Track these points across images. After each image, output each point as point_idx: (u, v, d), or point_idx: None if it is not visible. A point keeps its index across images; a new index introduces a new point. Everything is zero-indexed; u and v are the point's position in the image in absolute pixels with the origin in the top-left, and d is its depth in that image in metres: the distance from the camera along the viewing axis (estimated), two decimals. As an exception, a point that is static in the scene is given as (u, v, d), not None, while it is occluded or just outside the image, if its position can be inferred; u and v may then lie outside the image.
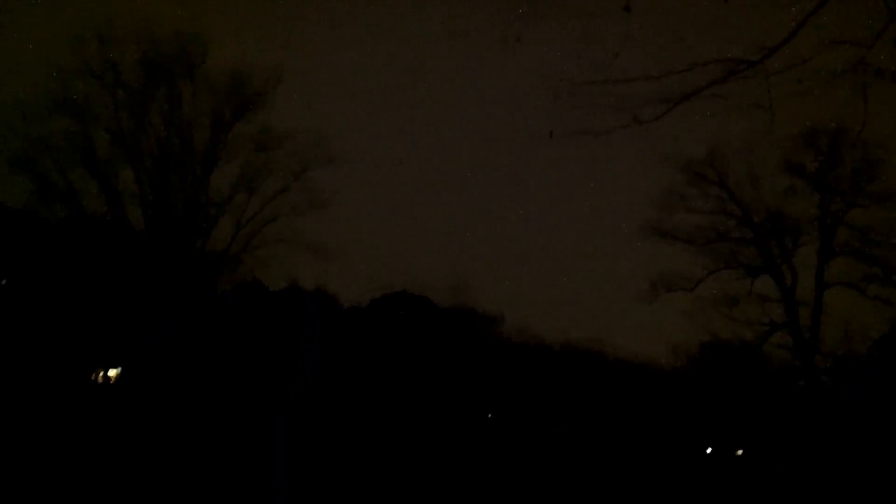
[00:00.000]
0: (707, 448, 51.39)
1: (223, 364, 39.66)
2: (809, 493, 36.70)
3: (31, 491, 31.23)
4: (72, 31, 36.00)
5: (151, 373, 36.86)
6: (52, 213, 37.16)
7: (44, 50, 36.39)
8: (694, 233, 39.06)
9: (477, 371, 46.49)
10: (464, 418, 45.26)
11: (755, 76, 12.53)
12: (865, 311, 36.56)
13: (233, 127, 38.48)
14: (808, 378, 39.53)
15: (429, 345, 48.17)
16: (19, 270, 39.15)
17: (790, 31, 12.39)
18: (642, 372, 55.78)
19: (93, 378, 40.99)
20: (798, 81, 12.74)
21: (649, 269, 39.48)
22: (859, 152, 36.03)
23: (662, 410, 50.92)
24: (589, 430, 47.60)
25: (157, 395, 36.36)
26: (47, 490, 31.70)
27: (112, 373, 41.11)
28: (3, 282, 38.88)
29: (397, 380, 45.93)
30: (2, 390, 35.69)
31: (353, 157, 39.08)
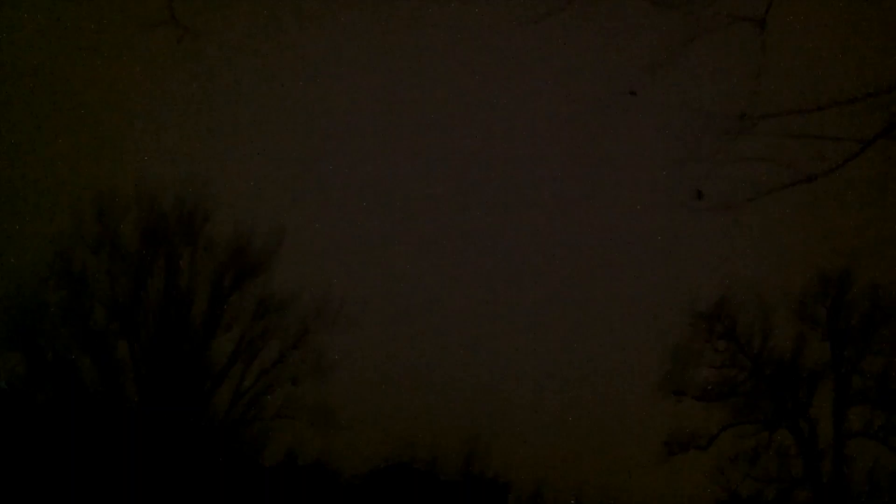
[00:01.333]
0: None
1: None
2: None
3: None
4: (70, 201, 36.06)
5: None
6: (47, 390, 35.94)
7: (41, 220, 36.12)
8: (706, 388, 38.16)
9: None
10: None
11: None
12: (892, 461, 35.36)
13: (231, 295, 38.02)
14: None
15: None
16: (11, 452, 38.11)
17: None
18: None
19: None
20: None
21: (663, 428, 38.17)
22: (868, 297, 35.94)
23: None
24: None
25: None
26: None
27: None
28: None
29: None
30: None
31: (358, 318, 38.35)
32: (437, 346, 41.39)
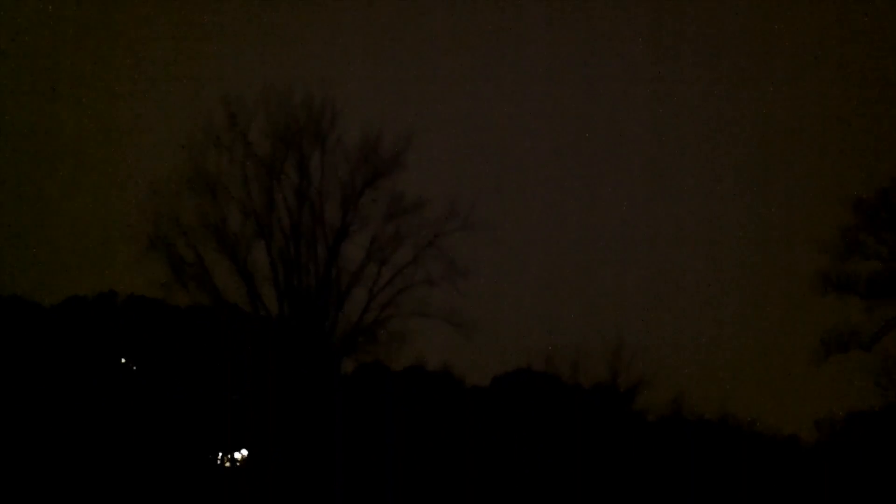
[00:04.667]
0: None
1: (344, 449, 38.28)
2: None
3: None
4: (202, 105, 35.51)
5: (277, 455, 36.98)
6: (186, 293, 36.05)
7: (173, 126, 35.74)
8: (870, 283, 35.95)
9: (613, 453, 44.12)
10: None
11: None
12: None
13: (363, 196, 37.29)
14: None
15: (552, 425, 46.09)
16: (149, 357, 39.08)
17: None
18: (785, 447, 52.68)
19: (219, 462, 40.61)
20: None
21: (819, 326, 36.14)
22: None
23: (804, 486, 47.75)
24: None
25: (282, 477, 36.75)
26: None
27: (238, 455, 40.59)
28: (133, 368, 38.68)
29: (520, 466, 43.93)
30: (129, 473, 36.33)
31: (494, 221, 37.43)
32: (577, 253, 40.24)
